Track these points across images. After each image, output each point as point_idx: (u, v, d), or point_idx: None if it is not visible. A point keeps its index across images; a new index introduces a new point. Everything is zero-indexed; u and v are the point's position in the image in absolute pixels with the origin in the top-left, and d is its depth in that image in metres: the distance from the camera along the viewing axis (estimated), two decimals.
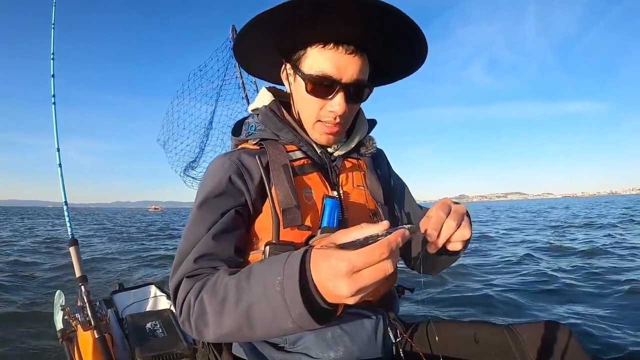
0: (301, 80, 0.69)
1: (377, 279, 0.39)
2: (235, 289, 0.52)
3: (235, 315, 0.50)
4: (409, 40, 0.68)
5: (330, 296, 0.42)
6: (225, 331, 0.52)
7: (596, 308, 2.81)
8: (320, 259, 0.42)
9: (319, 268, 0.42)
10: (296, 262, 0.45)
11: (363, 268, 0.39)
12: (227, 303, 0.52)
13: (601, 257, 4.93)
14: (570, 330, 0.74)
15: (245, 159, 0.72)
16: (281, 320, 0.46)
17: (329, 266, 0.40)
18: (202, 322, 0.55)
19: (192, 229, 0.65)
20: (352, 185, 0.78)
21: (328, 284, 0.41)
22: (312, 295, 0.44)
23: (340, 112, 0.68)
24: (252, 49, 0.73)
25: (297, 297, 0.43)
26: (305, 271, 0.44)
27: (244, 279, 0.52)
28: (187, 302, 0.58)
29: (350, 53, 0.65)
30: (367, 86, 0.71)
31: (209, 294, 0.55)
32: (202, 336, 0.57)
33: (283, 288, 0.45)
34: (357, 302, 0.41)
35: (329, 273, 0.40)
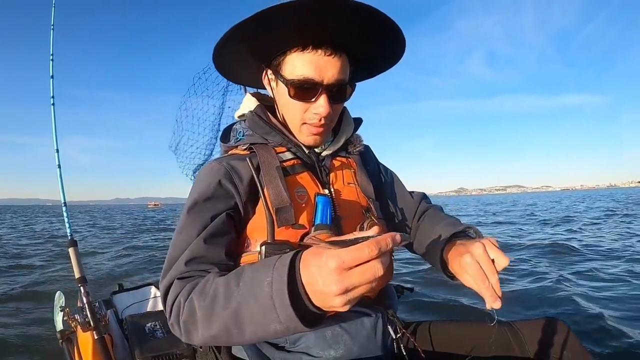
0: (283, 85, 0.70)
1: (367, 279, 0.39)
2: (224, 291, 0.52)
3: (223, 316, 0.51)
4: (386, 35, 0.69)
5: (320, 296, 0.42)
6: (214, 332, 0.53)
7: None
8: (310, 257, 0.43)
9: (309, 266, 0.43)
10: (285, 264, 0.45)
11: (352, 265, 0.39)
12: (216, 304, 0.52)
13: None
14: (569, 326, 0.76)
15: (234, 163, 0.72)
16: (269, 321, 0.46)
17: (319, 263, 0.41)
18: (191, 323, 0.55)
19: (182, 232, 0.66)
20: (343, 182, 0.78)
21: (318, 281, 0.41)
22: (300, 297, 0.44)
23: (325, 114, 0.69)
24: (232, 59, 0.74)
25: (284, 298, 0.43)
26: (295, 273, 0.45)
27: (233, 280, 0.52)
28: (177, 304, 0.58)
29: (330, 54, 0.66)
30: (349, 85, 0.71)
31: (199, 295, 0.55)
32: (190, 338, 0.57)
33: (271, 289, 0.45)
34: (345, 306, 0.41)
35: (319, 270, 0.41)
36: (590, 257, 4.73)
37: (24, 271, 4.86)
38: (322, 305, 0.43)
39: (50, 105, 1.46)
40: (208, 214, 0.66)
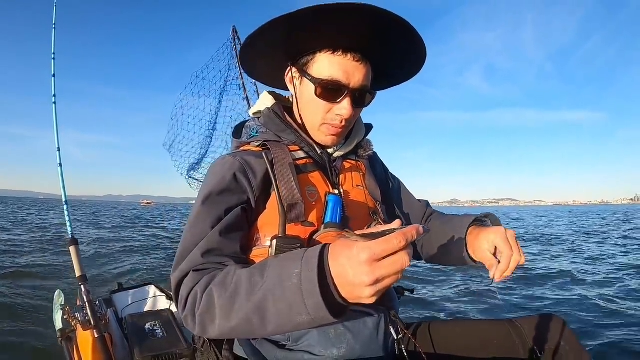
0: (309, 83, 0.71)
1: (395, 270, 0.42)
2: (248, 282, 0.52)
3: (246, 308, 0.51)
4: (412, 50, 0.72)
5: (349, 288, 0.44)
6: (233, 324, 0.53)
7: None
8: (340, 249, 0.44)
9: (339, 258, 0.44)
10: (315, 256, 0.46)
11: (382, 256, 0.41)
12: (238, 296, 0.52)
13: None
14: (565, 321, 0.79)
15: (249, 158, 0.73)
16: (296, 313, 0.47)
17: (350, 255, 0.43)
18: (208, 315, 0.55)
19: (195, 224, 0.66)
20: (352, 184, 0.80)
21: (349, 273, 0.43)
22: (329, 288, 0.45)
23: (347, 116, 0.71)
24: (259, 53, 0.76)
25: (315, 289, 0.45)
26: (324, 265, 0.46)
27: (257, 272, 0.53)
28: (193, 296, 0.58)
29: (358, 60, 0.69)
30: (371, 92, 0.74)
31: (219, 287, 0.55)
32: (205, 331, 0.57)
33: (300, 280, 0.46)
34: (372, 297, 0.43)
35: (350, 261, 0.42)
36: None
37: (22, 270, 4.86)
38: (350, 296, 0.45)
39: (52, 103, 1.46)
40: (222, 206, 0.67)
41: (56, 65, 1.49)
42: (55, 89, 1.48)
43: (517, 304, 3.11)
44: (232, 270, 0.57)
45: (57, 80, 1.50)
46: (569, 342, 0.76)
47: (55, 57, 1.51)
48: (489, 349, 0.79)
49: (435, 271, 4.27)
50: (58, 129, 1.42)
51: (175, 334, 1.17)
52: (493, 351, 0.79)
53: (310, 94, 0.72)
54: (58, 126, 1.42)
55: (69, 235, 1.28)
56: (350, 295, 0.45)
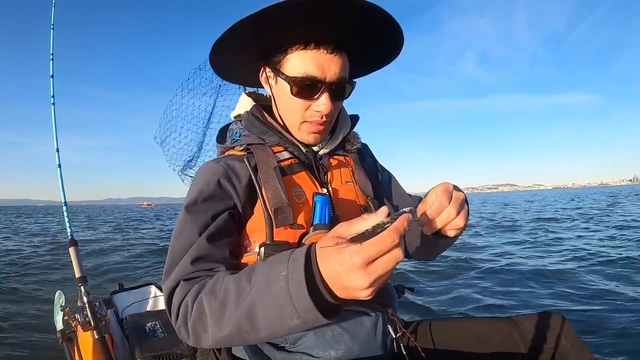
0: (284, 82, 0.69)
1: (390, 267, 0.40)
2: (236, 289, 0.51)
3: (236, 315, 0.49)
4: (388, 34, 0.70)
5: (344, 290, 0.42)
6: (226, 333, 0.51)
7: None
8: (330, 253, 0.42)
9: (329, 263, 0.42)
10: (301, 257, 0.45)
11: (376, 258, 0.40)
12: (227, 304, 0.51)
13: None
14: (566, 318, 0.78)
15: (232, 163, 0.72)
16: (286, 317, 0.45)
17: (342, 260, 0.40)
18: (200, 325, 0.54)
19: (182, 232, 0.65)
20: (341, 181, 0.78)
21: (342, 278, 0.41)
22: (318, 288, 0.44)
23: (327, 111, 0.69)
24: (230, 58, 0.74)
25: (303, 290, 0.43)
26: (311, 265, 0.44)
27: (244, 278, 0.51)
28: (185, 306, 0.57)
29: (331, 52, 0.66)
30: (350, 83, 0.72)
31: (208, 296, 0.54)
32: (199, 342, 0.56)
33: (288, 283, 0.44)
34: (370, 296, 0.42)
35: (343, 267, 0.40)
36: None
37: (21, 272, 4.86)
38: (346, 296, 0.44)
39: (50, 104, 1.46)
40: (208, 213, 0.66)
41: (54, 67, 1.49)
42: (54, 90, 1.48)
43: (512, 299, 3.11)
44: (221, 277, 0.56)
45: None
46: (570, 340, 0.75)
47: (53, 58, 1.51)
48: (490, 347, 0.79)
49: (435, 269, 4.27)
50: (57, 130, 1.42)
51: (175, 334, 1.16)
52: (493, 349, 0.78)
53: (286, 93, 0.70)
54: (57, 127, 1.42)
55: (69, 236, 1.28)
56: (346, 295, 0.43)
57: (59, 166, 1.42)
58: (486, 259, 4.97)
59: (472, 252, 5.56)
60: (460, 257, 4.93)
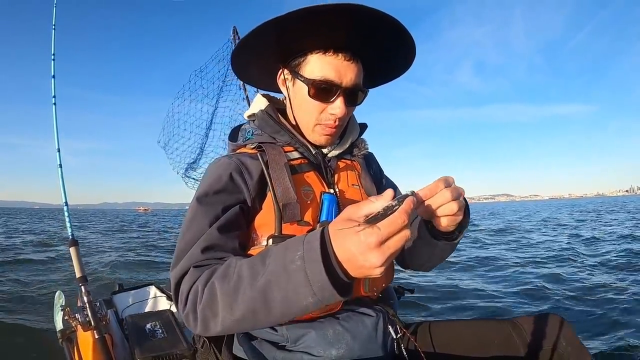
0: (302, 84, 0.71)
1: (401, 245, 0.44)
2: (250, 271, 0.52)
3: (250, 296, 0.51)
4: (401, 47, 0.72)
5: (359, 269, 0.45)
6: (238, 316, 0.52)
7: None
8: (346, 235, 0.45)
9: (345, 244, 0.44)
10: (316, 238, 0.47)
11: (389, 238, 0.43)
12: (241, 285, 0.52)
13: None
14: (566, 320, 0.79)
15: (244, 159, 0.74)
16: (301, 295, 0.47)
17: (358, 241, 0.43)
18: (210, 310, 0.55)
19: (193, 222, 0.66)
20: (347, 184, 0.80)
21: (358, 258, 0.44)
22: (333, 267, 0.46)
23: (340, 115, 0.72)
24: (250, 57, 0.76)
25: (319, 268, 0.45)
26: (326, 246, 0.46)
27: (258, 260, 0.53)
28: (194, 291, 0.58)
29: (349, 59, 0.69)
30: (363, 90, 0.74)
31: (221, 279, 0.55)
32: (207, 328, 0.56)
33: (304, 262, 0.46)
34: (382, 273, 0.45)
35: (359, 247, 0.43)
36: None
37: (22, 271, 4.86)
38: (360, 275, 0.46)
39: (51, 104, 1.46)
40: (219, 205, 0.67)
41: (55, 67, 1.49)
42: (55, 90, 1.49)
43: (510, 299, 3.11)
44: (234, 262, 0.57)
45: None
46: (569, 342, 0.76)
47: (55, 58, 1.51)
48: (490, 348, 0.79)
49: (436, 271, 4.27)
50: (58, 130, 1.43)
51: (175, 334, 1.17)
52: (493, 351, 0.79)
53: (303, 94, 0.72)
54: (58, 127, 1.43)
55: (69, 236, 1.28)
56: (359, 274, 0.46)
57: (60, 166, 1.42)
58: (486, 260, 4.97)
59: (471, 252, 5.56)
60: (460, 260, 4.93)
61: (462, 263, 4.86)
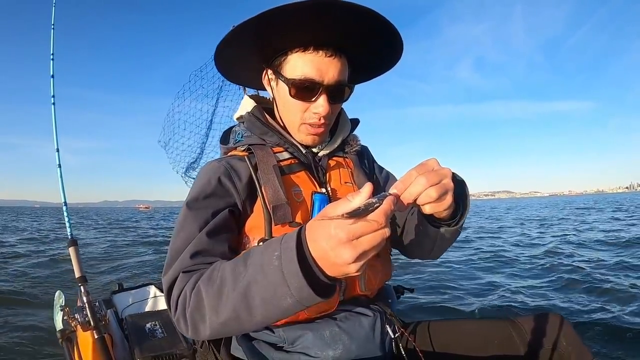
0: (284, 84, 0.71)
1: (376, 242, 0.41)
2: (232, 273, 0.52)
3: (232, 299, 0.50)
4: (386, 40, 0.71)
5: (332, 267, 0.43)
6: (223, 319, 0.52)
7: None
8: (317, 229, 0.44)
9: (317, 239, 0.43)
10: (292, 238, 0.46)
11: (362, 235, 0.41)
12: (224, 288, 0.52)
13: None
14: (567, 320, 0.78)
15: (234, 162, 0.74)
16: (280, 296, 0.46)
17: (328, 235, 0.41)
18: (198, 314, 0.55)
19: (183, 227, 0.66)
20: (340, 182, 0.79)
21: (329, 254, 0.42)
22: (309, 266, 0.45)
23: (324, 113, 0.70)
24: (233, 59, 0.75)
25: (295, 268, 0.44)
26: (302, 244, 0.45)
27: (240, 262, 0.52)
28: (183, 296, 0.58)
29: (330, 55, 0.68)
30: (348, 86, 0.73)
31: (206, 283, 0.55)
32: (197, 331, 0.56)
33: (281, 262, 0.45)
34: (358, 271, 0.42)
35: (329, 242, 0.41)
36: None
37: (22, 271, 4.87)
38: (336, 274, 0.44)
39: (50, 104, 1.46)
40: (209, 210, 0.67)
41: (54, 67, 1.49)
42: (54, 90, 1.48)
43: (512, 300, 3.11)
44: (218, 265, 0.57)
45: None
46: (570, 341, 0.75)
47: (54, 57, 1.51)
48: (490, 348, 0.79)
49: (436, 270, 4.28)
50: (57, 130, 1.43)
51: (175, 334, 1.17)
52: (493, 350, 0.78)
53: (285, 94, 0.71)
54: (57, 127, 1.42)
55: (69, 236, 1.28)
56: (337, 273, 0.44)
57: (59, 166, 1.42)
58: (485, 261, 4.98)
59: (471, 254, 5.57)
60: (460, 259, 4.93)
61: (462, 262, 4.86)
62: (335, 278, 0.45)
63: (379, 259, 0.79)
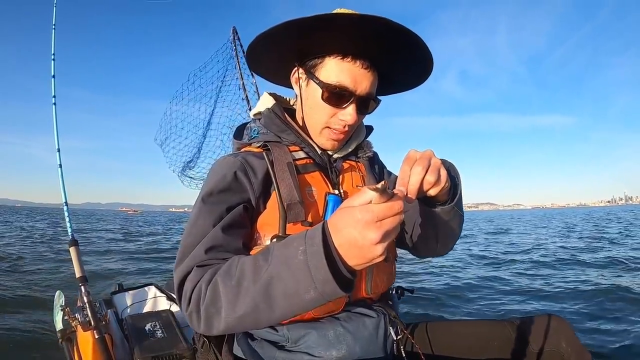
0: (316, 86, 0.72)
1: (396, 224, 0.45)
2: (253, 267, 0.53)
3: (252, 292, 0.51)
4: (419, 61, 0.73)
5: (360, 251, 0.45)
6: (241, 312, 0.53)
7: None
8: (341, 218, 0.46)
9: (343, 227, 0.46)
10: (317, 232, 0.48)
11: (384, 218, 0.44)
12: (244, 282, 0.53)
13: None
14: (566, 321, 0.79)
15: (249, 158, 0.74)
16: (303, 290, 0.48)
17: (355, 220, 0.44)
18: (213, 307, 0.55)
19: (197, 221, 0.66)
20: (352, 185, 0.80)
21: (357, 237, 0.44)
22: (334, 259, 0.47)
23: (351, 122, 0.72)
24: (268, 49, 0.75)
25: (321, 262, 0.46)
26: (327, 239, 0.47)
27: (261, 257, 0.53)
28: (198, 290, 0.58)
29: (366, 68, 0.69)
30: (375, 100, 0.75)
31: (223, 277, 0.56)
32: (211, 326, 0.57)
33: (306, 256, 0.47)
34: (382, 255, 0.46)
35: (356, 226, 0.44)
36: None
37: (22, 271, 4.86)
38: (361, 260, 0.46)
39: (51, 104, 1.46)
40: (224, 205, 0.67)
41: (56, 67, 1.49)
42: (55, 90, 1.49)
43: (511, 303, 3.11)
44: (236, 259, 0.57)
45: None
46: (569, 342, 0.76)
47: (55, 58, 1.51)
48: (489, 349, 0.79)
49: (436, 271, 4.27)
50: (58, 129, 1.43)
51: (175, 334, 1.17)
52: (493, 352, 0.79)
53: (316, 97, 0.72)
54: (58, 127, 1.43)
55: (69, 236, 1.28)
56: (363, 258, 0.46)
57: (59, 166, 1.42)
58: (485, 261, 4.98)
59: (472, 253, 5.56)
60: (460, 260, 4.93)
61: (462, 263, 4.86)
62: (356, 271, 0.48)
63: (387, 263, 0.80)
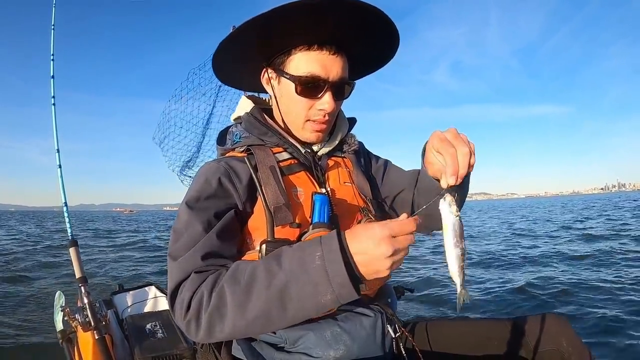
0: (288, 82, 0.71)
1: (407, 244, 0.51)
2: (264, 272, 0.54)
3: (265, 297, 0.53)
4: (386, 37, 0.73)
5: (370, 262, 0.51)
6: (250, 317, 0.54)
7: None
8: (360, 230, 0.52)
9: (360, 237, 0.51)
10: (333, 240, 0.52)
11: (398, 235, 0.50)
12: (255, 286, 0.54)
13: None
14: (567, 320, 0.78)
15: (233, 163, 0.73)
16: (320, 293, 0.51)
17: (373, 233, 0.50)
18: (217, 313, 0.55)
19: (187, 227, 0.65)
20: (339, 182, 0.79)
21: (371, 248, 0.50)
22: (350, 265, 0.50)
23: (330, 110, 0.72)
24: (231, 59, 0.76)
25: (340, 267, 0.49)
26: (344, 245, 0.51)
27: (272, 262, 0.54)
28: (198, 297, 0.57)
29: (334, 53, 0.70)
30: (350, 83, 0.75)
31: (230, 282, 0.56)
32: (212, 333, 0.56)
33: (324, 261, 0.50)
34: (389, 269, 0.51)
35: (374, 238, 0.50)
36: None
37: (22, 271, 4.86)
38: (369, 271, 0.51)
39: (51, 105, 1.46)
40: (211, 211, 0.67)
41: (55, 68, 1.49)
42: (55, 91, 1.48)
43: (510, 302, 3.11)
44: (242, 265, 0.57)
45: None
46: (570, 342, 0.75)
47: (54, 58, 1.51)
48: (489, 348, 0.79)
49: (436, 269, 4.28)
50: (57, 130, 1.42)
51: (175, 334, 1.17)
52: (493, 351, 0.78)
53: (290, 92, 0.72)
54: (57, 127, 1.42)
55: (69, 237, 1.28)
56: (370, 270, 0.51)
57: (59, 166, 1.41)
58: (485, 261, 4.98)
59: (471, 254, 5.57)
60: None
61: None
62: (363, 279, 0.52)
63: None
